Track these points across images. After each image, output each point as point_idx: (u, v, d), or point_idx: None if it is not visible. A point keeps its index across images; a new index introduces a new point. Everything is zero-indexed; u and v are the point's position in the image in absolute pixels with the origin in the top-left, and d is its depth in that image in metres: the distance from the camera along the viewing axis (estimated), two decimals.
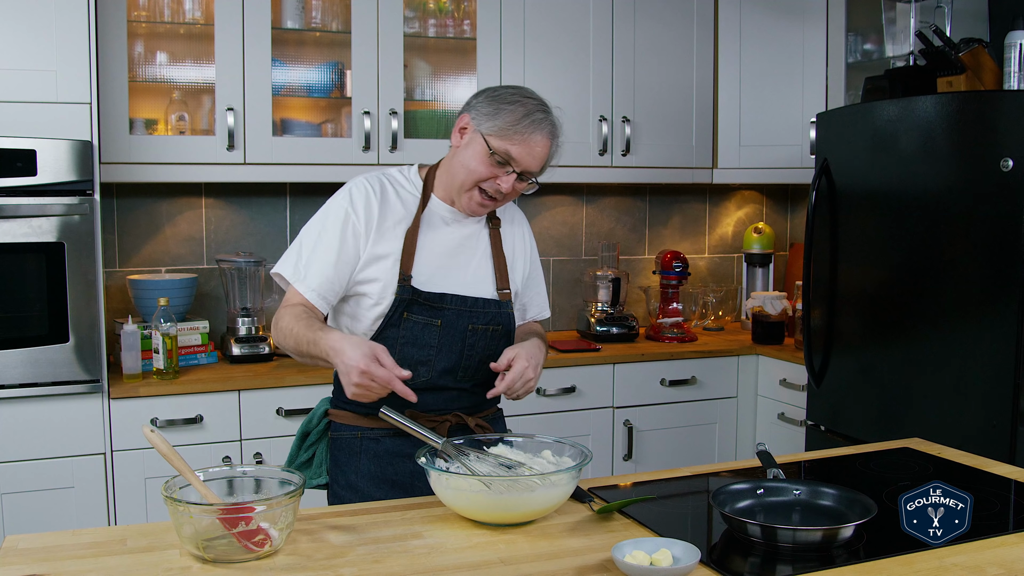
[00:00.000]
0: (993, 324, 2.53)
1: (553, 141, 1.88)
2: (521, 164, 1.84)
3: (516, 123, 1.82)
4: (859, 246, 2.96)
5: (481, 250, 1.96)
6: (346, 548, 1.45)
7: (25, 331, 2.67)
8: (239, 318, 3.23)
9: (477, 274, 1.94)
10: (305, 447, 2.01)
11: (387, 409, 1.70)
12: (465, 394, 1.95)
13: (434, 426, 1.87)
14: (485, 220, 1.99)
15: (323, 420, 2.00)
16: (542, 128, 1.85)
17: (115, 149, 2.95)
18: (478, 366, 1.93)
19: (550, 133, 1.86)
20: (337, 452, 1.96)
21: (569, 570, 1.37)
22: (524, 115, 1.83)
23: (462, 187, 1.88)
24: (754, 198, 4.29)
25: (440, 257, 1.91)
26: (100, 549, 1.43)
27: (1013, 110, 2.47)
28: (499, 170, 1.84)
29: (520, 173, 1.85)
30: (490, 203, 1.89)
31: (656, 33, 3.65)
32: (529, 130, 1.82)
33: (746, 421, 3.62)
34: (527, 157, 1.84)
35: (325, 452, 2.00)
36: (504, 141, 1.82)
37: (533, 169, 1.86)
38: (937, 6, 3.25)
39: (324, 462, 1.99)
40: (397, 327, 1.87)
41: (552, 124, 1.87)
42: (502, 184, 1.84)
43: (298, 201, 3.51)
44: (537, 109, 1.85)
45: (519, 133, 1.82)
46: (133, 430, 2.79)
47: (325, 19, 3.31)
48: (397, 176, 1.97)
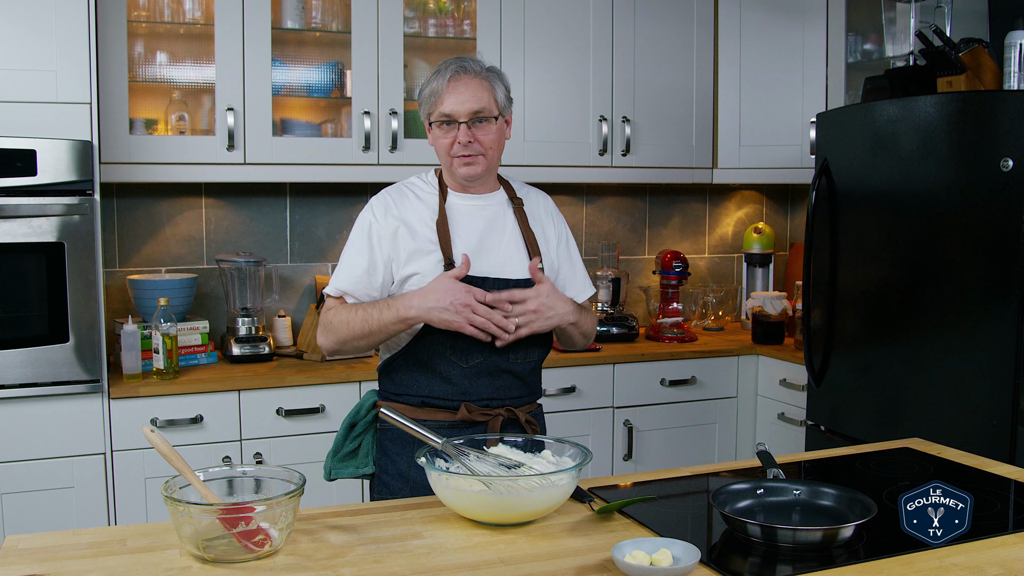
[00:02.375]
0: (993, 324, 2.53)
1: (474, 74, 1.96)
2: (459, 113, 1.94)
3: (431, 88, 1.97)
4: (859, 246, 2.96)
5: (510, 229, 2.05)
6: (346, 548, 1.45)
7: (25, 331, 2.67)
8: (239, 318, 3.23)
9: (509, 252, 2.02)
10: (351, 437, 2.07)
11: (387, 409, 1.71)
12: (517, 382, 2.02)
13: (487, 419, 1.97)
14: (507, 201, 2.08)
15: (371, 412, 2.06)
16: (447, 72, 1.96)
17: (115, 149, 2.95)
18: (527, 348, 2.00)
19: (458, 70, 1.96)
20: (388, 443, 2.03)
21: (569, 570, 1.37)
22: (432, 77, 1.98)
23: (447, 166, 2.02)
24: (754, 198, 4.29)
25: (473, 242, 2.00)
26: (100, 549, 1.43)
27: (1013, 110, 2.47)
28: (451, 132, 1.96)
29: (467, 121, 1.94)
30: (473, 158, 1.98)
31: (656, 33, 3.65)
32: (439, 83, 1.95)
33: (746, 421, 3.62)
34: (458, 103, 1.94)
35: (372, 443, 2.06)
36: (434, 108, 1.96)
37: (475, 108, 1.95)
38: (937, 6, 3.25)
39: (371, 452, 2.06)
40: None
41: (459, 62, 1.97)
42: (460, 139, 1.95)
43: (298, 201, 3.51)
44: (443, 65, 1.98)
45: (435, 92, 1.96)
46: (133, 430, 2.79)
47: (325, 19, 3.31)
48: (417, 181, 2.10)
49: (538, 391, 2.12)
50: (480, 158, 1.98)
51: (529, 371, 2.05)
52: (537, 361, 2.07)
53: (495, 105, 1.98)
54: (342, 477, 2.08)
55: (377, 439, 2.06)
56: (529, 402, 2.08)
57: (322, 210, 3.52)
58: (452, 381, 1.97)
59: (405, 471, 2.00)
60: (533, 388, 2.09)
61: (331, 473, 2.07)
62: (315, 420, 2.97)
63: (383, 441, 2.04)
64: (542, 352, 2.07)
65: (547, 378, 3.27)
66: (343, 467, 2.07)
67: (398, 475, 2.00)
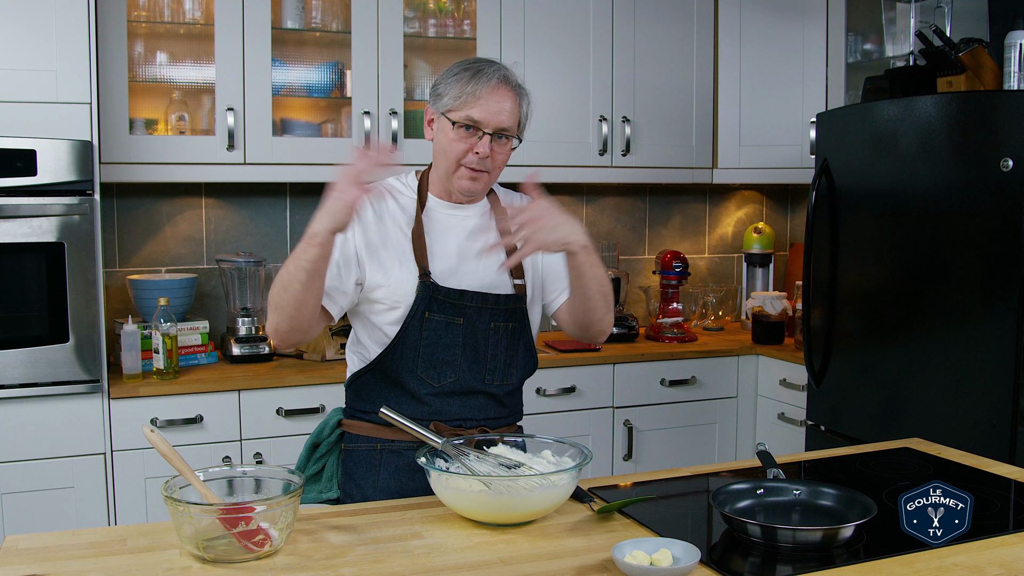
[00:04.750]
0: (993, 324, 2.53)
1: (514, 90, 1.85)
2: (488, 123, 1.81)
3: (465, 86, 1.81)
4: (859, 246, 2.96)
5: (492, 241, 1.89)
6: (346, 548, 1.45)
7: (25, 331, 2.67)
8: (239, 318, 3.23)
9: (492, 266, 1.89)
10: (315, 459, 1.94)
11: (387, 409, 1.70)
12: (492, 402, 1.91)
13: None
14: (490, 210, 1.96)
15: (335, 431, 1.95)
16: (490, 79, 1.81)
17: (115, 149, 2.95)
18: (505, 369, 1.91)
19: (501, 81, 1.82)
20: (352, 466, 1.91)
21: (569, 570, 1.37)
22: (470, 77, 1.81)
23: (448, 172, 1.86)
24: (754, 198, 4.29)
25: (452, 254, 1.88)
26: (100, 549, 1.43)
27: (1013, 110, 2.47)
28: (471, 139, 1.82)
29: (493, 134, 1.82)
30: (480, 175, 1.85)
31: (656, 33, 3.65)
32: (479, 87, 1.80)
33: (746, 421, 3.62)
34: (489, 113, 1.81)
35: (337, 465, 1.94)
36: (462, 108, 1.81)
37: (503, 124, 1.82)
38: (937, 6, 3.25)
39: (336, 475, 1.93)
40: (419, 329, 1.84)
41: (502, 72, 1.84)
42: (479, 150, 1.82)
43: (298, 201, 3.50)
44: (483, 66, 1.83)
45: (471, 94, 1.80)
46: (133, 430, 2.79)
47: (325, 19, 3.31)
48: (394, 183, 1.95)
49: (518, 413, 1.99)
50: (485, 176, 1.85)
51: (507, 393, 1.93)
52: (517, 384, 1.94)
53: (517, 126, 1.86)
54: (304, 503, 1.81)
55: (342, 461, 1.93)
56: (508, 423, 1.95)
57: None
58: (422, 400, 1.85)
59: (370, 496, 1.87)
60: (512, 410, 1.96)
61: None
62: (315, 420, 2.96)
63: (348, 464, 1.91)
64: (522, 374, 1.95)
65: (547, 378, 3.28)
66: (305, 492, 1.85)
67: (363, 500, 1.86)
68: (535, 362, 1.99)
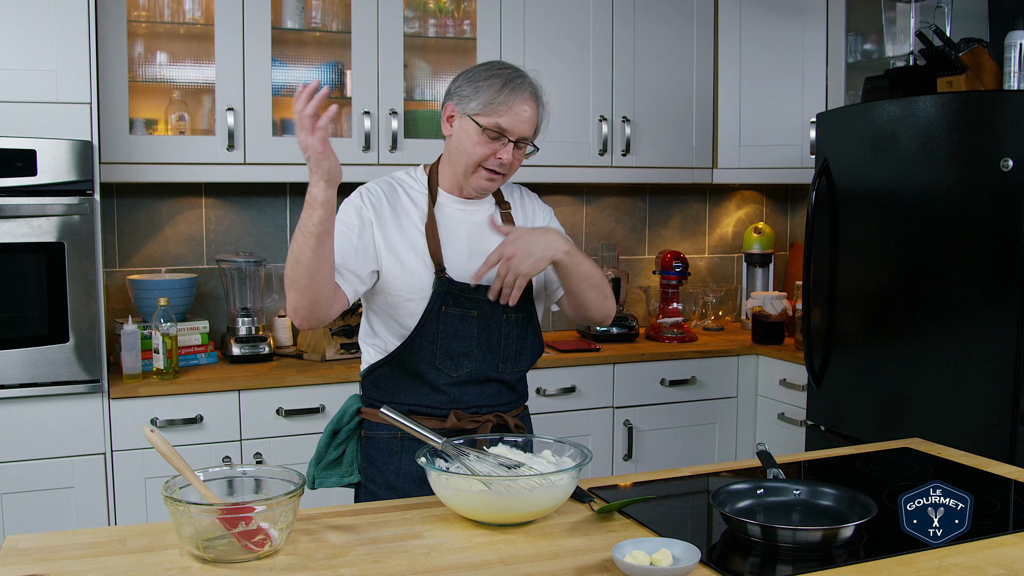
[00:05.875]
0: (993, 324, 2.53)
1: (537, 101, 1.93)
2: (514, 132, 1.89)
3: (497, 94, 1.87)
4: (859, 246, 2.96)
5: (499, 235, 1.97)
6: (346, 548, 1.45)
7: (25, 331, 2.67)
8: (239, 318, 3.23)
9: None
10: (335, 445, 2.01)
11: (387, 409, 1.70)
12: (505, 389, 1.99)
13: (477, 426, 1.92)
14: (495, 205, 2.03)
15: (354, 418, 2.01)
16: (523, 92, 1.89)
17: (115, 149, 2.95)
18: (516, 356, 1.99)
19: (532, 94, 1.91)
20: (373, 452, 1.98)
21: (569, 570, 1.37)
22: (503, 85, 1.88)
23: (466, 171, 1.93)
24: (754, 198, 4.29)
25: (463, 248, 1.95)
26: (100, 549, 1.43)
27: (1013, 110, 2.47)
28: (495, 144, 1.89)
29: (516, 141, 1.90)
30: (497, 177, 1.93)
31: (656, 33, 3.65)
32: (512, 98, 1.87)
33: (746, 421, 3.62)
34: (517, 123, 1.89)
35: (356, 450, 2.01)
36: (491, 115, 1.87)
37: (526, 134, 1.91)
38: (937, 6, 3.25)
39: (356, 460, 2.00)
40: (436, 322, 1.90)
41: (532, 85, 1.92)
42: (503, 156, 1.89)
43: (298, 201, 3.50)
44: (514, 76, 1.90)
45: (503, 103, 1.87)
46: (133, 430, 2.79)
47: (325, 19, 3.32)
48: (404, 177, 2.02)
49: (525, 395, 2.09)
50: (501, 177, 1.94)
51: (518, 379, 2.03)
52: (526, 369, 2.04)
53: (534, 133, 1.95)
54: (326, 486, 2.01)
55: (362, 447, 2.00)
56: (517, 407, 2.05)
57: None
58: (441, 390, 1.93)
59: (393, 481, 1.95)
60: (521, 393, 2.06)
61: (314, 482, 2.00)
62: (315, 420, 2.96)
63: (368, 450, 1.99)
64: (531, 360, 2.04)
65: (547, 378, 3.28)
66: (327, 476, 2.00)
67: (385, 485, 1.95)
68: (542, 346, 2.07)
